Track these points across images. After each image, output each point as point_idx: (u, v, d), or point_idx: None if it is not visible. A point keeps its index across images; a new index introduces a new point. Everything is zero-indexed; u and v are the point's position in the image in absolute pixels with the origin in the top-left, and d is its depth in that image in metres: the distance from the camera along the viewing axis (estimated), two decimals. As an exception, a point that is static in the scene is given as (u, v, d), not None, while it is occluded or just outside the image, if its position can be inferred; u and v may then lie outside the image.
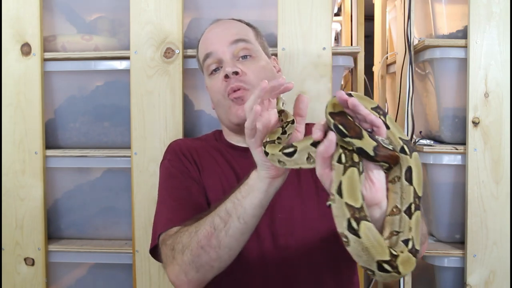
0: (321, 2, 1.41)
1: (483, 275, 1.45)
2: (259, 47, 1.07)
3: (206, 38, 1.08)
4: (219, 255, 0.83)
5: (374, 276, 0.62)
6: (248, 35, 1.06)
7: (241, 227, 0.81)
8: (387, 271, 0.60)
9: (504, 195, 1.43)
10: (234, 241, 0.82)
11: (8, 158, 1.51)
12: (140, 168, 1.46)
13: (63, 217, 1.60)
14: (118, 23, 1.57)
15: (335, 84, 1.47)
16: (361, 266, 0.63)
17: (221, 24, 1.09)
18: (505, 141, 1.43)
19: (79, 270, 1.61)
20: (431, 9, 1.56)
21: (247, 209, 0.80)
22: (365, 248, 0.60)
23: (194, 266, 0.85)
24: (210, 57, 1.03)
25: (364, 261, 0.61)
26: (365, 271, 0.63)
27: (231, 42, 1.02)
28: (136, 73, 1.46)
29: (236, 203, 0.81)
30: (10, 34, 1.50)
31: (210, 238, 0.82)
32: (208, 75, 1.06)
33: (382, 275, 0.61)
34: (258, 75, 1.00)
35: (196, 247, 0.83)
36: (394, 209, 0.68)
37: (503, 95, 1.43)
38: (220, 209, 0.83)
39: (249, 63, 1.02)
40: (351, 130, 0.64)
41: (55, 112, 1.58)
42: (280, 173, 0.78)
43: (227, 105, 1.01)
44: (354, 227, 0.60)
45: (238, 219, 0.81)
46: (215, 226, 0.82)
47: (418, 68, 1.67)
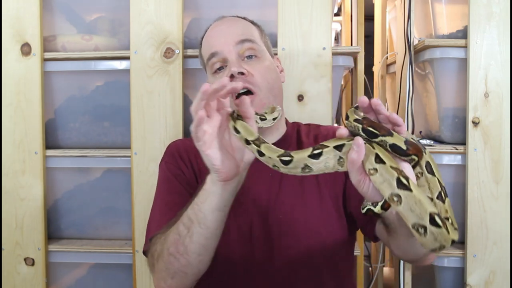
0: (321, 2, 1.41)
1: (483, 275, 1.45)
2: (264, 46, 1.06)
3: (211, 36, 1.06)
4: (189, 261, 0.83)
5: (425, 235, 0.62)
6: (253, 34, 1.05)
7: (203, 232, 0.81)
8: (438, 226, 0.61)
9: (504, 195, 1.43)
10: (200, 247, 0.82)
11: (8, 158, 1.51)
12: (140, 168, 1.46)
13: (63, 217, 1.60)
14: (118, 23, 1.57)
15: (335, 84, 1.47)
16: (411, 225, 0.63)
17: (226, 22, 1.08)
18: (505, 141, 1.43)
19: (79, 270, 1.61)
20: (431, 9, 1.56)
21: (207, 214, 0.80)
22: (418, 201, 0.62)
23: (168, 273, 0.86)
24: (215, 56, 1.02)
25: (417, 215, 0.62)
26: (415, 230, 0.63)
27: (237, 42, 1.01)
28: (136, 73, 1.46)
29: (196, 208, 0.80)
30: (10, 34, 1.50)
31: (177, 245, 0.83)
32: (211, 74, 1.04)
33: (434, 232, 0.61)
34: (264, 75, 0.99)
35: (167, 254, 0.84)
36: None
37: (503, 95, 1.43)
38: (184, 216, 0.82)
39: (255, 63, 1.01)
40: (381, 130, 0.67)
41: (55, 112, 1.58)
42: (232, 176, 0.76)
43: (231, 107, 1.00)
44: (404, 183, 0.63)
45: (199, 224, 0.80)
46: (179, 233, 0.82)
47: (418, 68, 1.67)
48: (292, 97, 1.41)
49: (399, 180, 0.63)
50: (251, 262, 0.97)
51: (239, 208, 0.98)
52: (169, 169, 1.04)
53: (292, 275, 0.97)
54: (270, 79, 1.00)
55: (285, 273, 0.97)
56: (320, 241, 0.98)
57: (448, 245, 0.63)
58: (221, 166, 0.74)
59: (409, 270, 1.57)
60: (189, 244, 0.82)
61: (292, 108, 1.41)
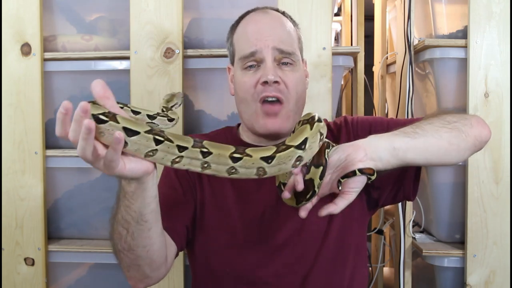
0: (321, 2, 1.41)
1: (483, 275, 1.45)
2: (299, 53, 1.03)
3: (251, 31, 1.00)
4: (137, 255, 0.83)
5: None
6: (293, 44, 1.01)
7: (143, 227, 0.80)
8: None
9: (504, 195, 1.43)
10: (144, 240, 0.82)
11: (8, 158, 1.51)
12: (140, 168, 1.45)
13: (63, 217, 1.60)
14: (118, 23, 1.57)
15: (335, 84, 1.47)
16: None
17: (269, 19, 1.02)
18: (505, 141, 1.43)
19: (79, 270, 1.61)
20: (431, 9, 1.56)
21: (142, 211, 0.77)
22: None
23: (124, 267, 0.87)
24: (253, 56, 0.98)
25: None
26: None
27: (278, 48, 0.97)
28: (136, 73, 1.46)
29: (129, 211, 0.78)
30: (10, 34, 1.50)
31: (121, 243, 0.82)
32: (241, 69, 1.00)
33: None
34: (295, 87, 0.98)
35: (116, 250, 0.85)
36: None
37: (503, 95, 1.43)
38: (119, 219, 0.80)
39: (289, 71, 0.99)
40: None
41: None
42: (151, 166, 0.70)
43: (254, 109, 0.98)
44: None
45: (137, 223, 0.79)
46: (120, 233, 0.81)
47: (418, 68, 1.67)
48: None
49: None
50: (257, 260, 0.97)
51: (248, 213, 0.98)
52: (168, 173, 1.04)
53: (305, 272, 0.97)
54: (300, 91, 1.00)
55: (297, 270, 0.97)
56: (329, 236, 0.98)
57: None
58: (141, 171, 0.69)
59: (409, 270, 1.57)
60: (131, 241, 0.81)
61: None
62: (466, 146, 0.87)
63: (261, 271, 0.96)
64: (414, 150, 0.81)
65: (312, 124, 0.75)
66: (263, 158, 0.70)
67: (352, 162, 0.78)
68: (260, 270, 0.96)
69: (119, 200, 0.79)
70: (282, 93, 0.97)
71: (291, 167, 0.73)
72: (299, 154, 0.72)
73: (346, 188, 0.78)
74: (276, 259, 0.97)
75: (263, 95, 0.96)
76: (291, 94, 0.98)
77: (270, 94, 0.96)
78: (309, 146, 0.73)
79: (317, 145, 0.76)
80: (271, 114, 0.97)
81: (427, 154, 0.84)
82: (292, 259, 0.97)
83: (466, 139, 0.87)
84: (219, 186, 1.01)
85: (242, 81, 1.00)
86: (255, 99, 0.97)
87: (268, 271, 0.96)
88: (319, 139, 0.75)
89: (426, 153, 0.83)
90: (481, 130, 0.91)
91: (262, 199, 0.99)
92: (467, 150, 0.89)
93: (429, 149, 0.83)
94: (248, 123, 1.02)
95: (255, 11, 1.05)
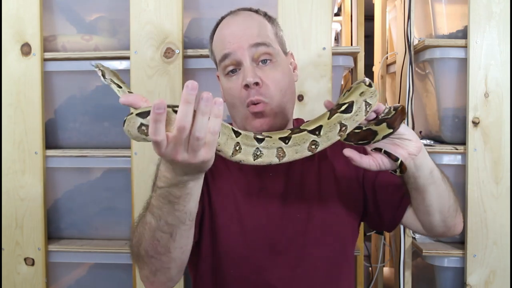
0: (321, 2, 1.41)
1: (483, 275, 1.45)
2: (279, 47, 1.02)
3: (224, 35, 1.01)
4: (171, 258, 0.82)
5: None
6: (269, 36, 1.00)
7: (187, 227, 0.79)
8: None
9: (504, 195, 1.43)
10: (186, 239, 0.81)
11: (8, 158, 1.51)
12: (140, 168, 1.45)
13: (63, 217, 1.60)
14: (118, 23, 1.57)
15: (335, 84, 1.47)
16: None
17: (241, 20, 1.02)
18: (505, 141, 1.43)
19: (79, 270, 1.61)
20: (431, 9, 1.56)
21: (192, 211, 0.78)
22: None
23: (150, 272, 0.85)
24: (228, 58, 0.98)
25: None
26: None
27: (252, 45, 0.96)
28: (136, 73, 1.46)
29: (178, 214, 0.77)
30: (10, 34, 1.50)
31: (156, 248, 0.81)
32: (224, 75, 1.01)
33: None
34: (278, 84, 0.97)
35: (146, 256, 0.83)
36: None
37: (503, 95, 1.43)
38: (159, 225, 0.78)
39: (269, 69, 0.97)
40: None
41: (55, 112, 1.58)
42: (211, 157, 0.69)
43: (244, 113, 0.98)
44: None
45: (183, 224, 0.78)
46: (158, 239, 0.80)
47: (418, 68, 1.67)
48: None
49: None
50: (264, 260, 0.97)
51: (254, 208, 0.98)
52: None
53: (310, 274, 0.97)
54: (284, 86, 0.98)
55: (303, 272, 0.97)
56: (337, 238, 0.98)
57: None
58: (213, 159, 0.69)
59: (409, 270, 1.57)
60: (172, 244, 0.80)
61: (292, 108, 1.41)
62: (450, 214, 0.96)
63: (266, 273, 0.96)
64: (435, 184, 0.90)
65: (333, 113, 0.77)
66: (281, 139, 0.76)
67: (406, 149, 0.83)
68: (265, 273, 0.96)
69: (160, 208, 0.77)
70: (264, 95, 0.95)
71: (307, 150, 0.77)
72: (313, 139, 0.76)
73: (378, 158, 0.83)
74: (281, 261, 0.96)
75: (248, 101, 0.95)
76: (274, 92, 0.96)
77: (253, 99, 0.95)
78: (325, 132, 0.77)
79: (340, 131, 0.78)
80: (257, 114, 0.96)
81: (439, 194, 0.92)
82: (296, 262, 0.96)
83: (454, 213, 0.97)
84: (225, 189, 1.01)
85: (227, 88, 1.00)
86: (243, 104, 0.97)
87: (273, 274, 0.96)
88: (364, 109, 0.78)
89: (439, 192, 0.92)
90: (460, 222, 1.02)
91: (267, 201, 0.98)
92: (444, 219, 0.96)
93: (442, 194, 0.92)
94: (240, 126, 1.01)
95: (228, 15, 1.05)
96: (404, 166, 0.83)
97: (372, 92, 0.79)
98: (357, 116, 0.77)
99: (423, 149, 0.85)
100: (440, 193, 0.91)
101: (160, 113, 0.61)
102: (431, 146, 1.52)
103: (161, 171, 0.76)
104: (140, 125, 0.68)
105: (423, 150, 0.85)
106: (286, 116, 0.99)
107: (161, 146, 0.65)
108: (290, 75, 1.03)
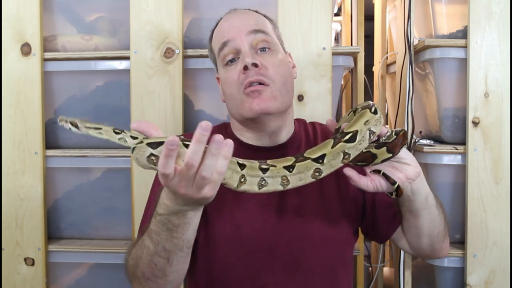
0: (321, 2, 1.41)
1: (483, 275, 1.45)
2: (277, 40, 1.03)
3: (222, 27, 1.01)
4: (168, 281, 0.83)
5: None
6: (266, 26, 1.01)
7: (184, 254, 0.81)
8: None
9: (504, 195, 1.43)
10: (182, 264, 0.83)
11: (8, 158, 1.51)
12: (140, 168, 1.45)
13: (63, 217, 1.60)
14: (118, 23, 1.57)
15: (335, 84, 1.47)
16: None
17: (238, 13, 1.04)
18: (505, 141, 1.43)
19: (79, 270, 1.61)
20: (431, 9, 1.56)
21: (190, 239, 0.80)
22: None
23: None
24: (227, 46, 0.97)
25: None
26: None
27: (250, 32, 0.96)
28: (136, 73, 1.46)
29: (176, 241, 0.78)
30: (10, 34, 1.50)
31: (153, 271, 0.82)
32: (223, 66, 0.99)
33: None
34: (277, 69, 0.95)
35: (143, 278, 0.84)
36: None
37: (503, 95, 1.43)
38: (157, 251, 0.80)
39: (268, 56, 0.96)
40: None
41: (55, 112, 1.58)
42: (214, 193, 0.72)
43: (240, 98, 0.95)
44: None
45: (181, 251, 0.80)
46: (155, 263, 0.81)
47: (418, 68, 1.67)
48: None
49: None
50: (264, 265, 0.96)
51: (250, 214, 0.97)
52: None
53: (308, 279, 0.96)
54: (284, 73, 0.96)
55: (300, 278, 0.96)
56: (335, 244, 0.99)
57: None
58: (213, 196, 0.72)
59: (409, 270, 1.57)
60: (168, 268, 0.82)
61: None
62: (438, 239, 1.00)
63: (263, 279, 0.95)
64: (429, 209, 0.93)
65: (337, 141, 0.79)
66: (285, 167, 0.77)
67: (405, 173, 0.85)
68: (262, 278, 0.95)
69: (158, 234, 0.79)
70: (265, 76, 0.93)
71: (310, 177, 0.78)
72: (316, 167, 0.78)
73: (376, 180, 0.85)
74: (278, 267, 0.96)
75: (246, 82, 0.93)
76: (275, 75, 0.94)
77: (252, 79, 0.92)
78: (328, 160, 0.78)
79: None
80: (254, 93, 0.93)
81: (431, 220, 0.95)
82: (294, 267, 0.96)
83: (442, 238, 1.01)
84: (220, 196, 1.00)
85: (226, 77, 0.98)
86: (240, 90, 0.94)
87: (271, 279, 0.95)
88: (368, 137, 0.80)
89: (431, 218, 0.95)
90: (447, 247, 1.07)
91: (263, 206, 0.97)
92: (432, 243, 1.00)
93: (434, 219, 0.95)
94: (236, 116, 0.99)
95: (226, 14, 1.06)
96: (400, 190, 0.85)
97: (377, 119, 0.81)
98: (360, 145, 0.79)
99: (421, 174, 0.88)
100: (432, 218, 0.94)
101: (173, 150, 0.64)
102: (431, 146, 1.52)
103: (162, 198, 0.78)
104: (150, 155, 0.70)
105: (421, 175, 0.88)
106: (285, 103, 0.97)
107: (168, 178, 0.67)
108: (289, 66, 1.02)
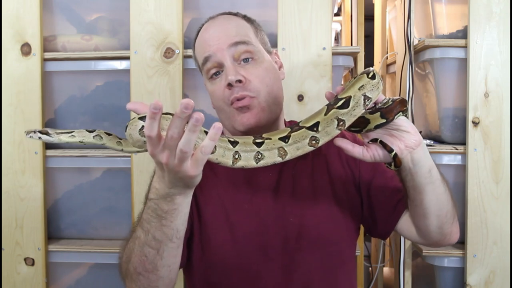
0: (321, 2, 1.41)
1: (483, 275, 1.45)
2: (260, 45, 1.01)
3: (203, 40, 1.01)
4: (159, 276, 0.83)
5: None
6: (248, 34, 1.00)
7: (174, 245, 0.81)
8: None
9: (504, 195, 1.43)
10: (173, 257, 0.83)
11: (8, 158, 1.51)
12: (140, 168, 1.46)
13: (63, 217, 1.60)
14: (118, 23, 1.57)
15: (335, 84, 1.47)
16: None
17: (218, 23, 1.02)
18: (505, 141, 1.43)
19: (79, 270, 1.61)
20: (431, 9, 1.56)
21: (180, 229, 0.80)
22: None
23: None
24: (209, 61, 0.97)
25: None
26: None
27: (231, 45, 0.96)
28: (136, 73, 1.46)
29: (165, 229, 0.79)
30: (10, 34, 1.50)
31: (144, 265, 0.82)
32: (208, 79, 1.00)
33: None
34: (262, 80, 0.96)
35: (134, 273, 0.84)
36: None
37: (503, 95, 1.43)
38: (147, 240, 0.80)
39: (251, 67, 0.96)
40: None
41: (55, 112, 1.58)
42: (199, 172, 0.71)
43: (230, 111, 0.96)
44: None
45: (170, 241, 0.80)
46: (146, 254, 0.81)
47: (418, 68, 1.67)
48: (292, 97, 1.41)
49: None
50: (261, 265, 0.95)
51: (249, 213, 0.97)
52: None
53: (305, 279, 0.95)
54: (269, 82, 0.97)
55: (298, 278, 0.95)
56: (331, 243, 0.97)
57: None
58: (200, 176, 0.72)
59: (409, 270, 1.57)
60: (159, 261, 0.81)
61: (292, 108, 1.41)
62: (447, 220, 0.93)
63: (259, 280, 0.95)
64: (434, 184, 0.86)
65: (330, 108, 0.77)
66: (280, 138, 0.76)
67: (403, 141, 0.80)
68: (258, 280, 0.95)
69: (149, 221, 0.79)
70: (250, 90, 0.94)
71: (308, 146, 0.77)
72: (312, 135, 0.77)
73: (373, 148, 0.81)
74: (274, 267, 0.95)
75: (232, 98, 0.94)
76: (260, 87, 0.95)
77: (237, 95, 0.93)
78: (322, 128, 0.77)
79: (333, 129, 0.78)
80: (243, 108, 0.94)
81: (437, 196, 0.89)
82: (290, 267, 0.95)
83: (451, 220, 0.94)
84: (214, 198, 0.99)
85: (212, 91, 1.00)
86: (227, 103, 0.95)
87: (267, 280, 0.95)
88: (363, 103, 0.77)
89: (437, 194, 0.88)
90: (457, 232, 0.98)
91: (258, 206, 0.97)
92: (441, 225, 0.93)
93: (441, 196, 0.88)
94: (228, 127, 1.00)
95: (207, 21, 1.05)
96: (398, 160, 0.80)
97: (374, 84, 0.77)
98: (354, 111, 0.76)
99: (423, 145, 0.83)
100: (438, 195, 0.88)
101: (156, 113, 0.65)
102: (431, 146, 1.52)
103: (152, 182, 0.79)
104: (142, 128, 0.71)
105: (423, 146, 0.82)
106: (274, 112, 0.97)
107: (153, 144, 0.68)
108: (275, 72, 1.01)
